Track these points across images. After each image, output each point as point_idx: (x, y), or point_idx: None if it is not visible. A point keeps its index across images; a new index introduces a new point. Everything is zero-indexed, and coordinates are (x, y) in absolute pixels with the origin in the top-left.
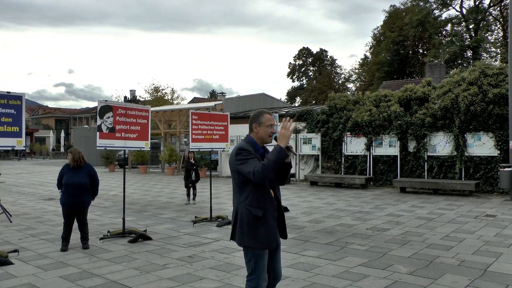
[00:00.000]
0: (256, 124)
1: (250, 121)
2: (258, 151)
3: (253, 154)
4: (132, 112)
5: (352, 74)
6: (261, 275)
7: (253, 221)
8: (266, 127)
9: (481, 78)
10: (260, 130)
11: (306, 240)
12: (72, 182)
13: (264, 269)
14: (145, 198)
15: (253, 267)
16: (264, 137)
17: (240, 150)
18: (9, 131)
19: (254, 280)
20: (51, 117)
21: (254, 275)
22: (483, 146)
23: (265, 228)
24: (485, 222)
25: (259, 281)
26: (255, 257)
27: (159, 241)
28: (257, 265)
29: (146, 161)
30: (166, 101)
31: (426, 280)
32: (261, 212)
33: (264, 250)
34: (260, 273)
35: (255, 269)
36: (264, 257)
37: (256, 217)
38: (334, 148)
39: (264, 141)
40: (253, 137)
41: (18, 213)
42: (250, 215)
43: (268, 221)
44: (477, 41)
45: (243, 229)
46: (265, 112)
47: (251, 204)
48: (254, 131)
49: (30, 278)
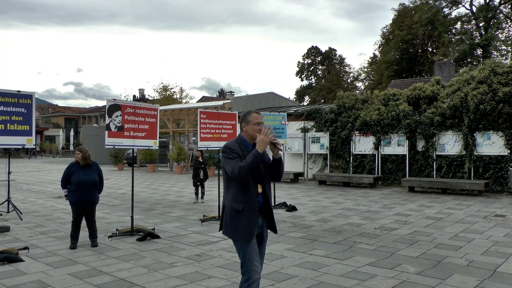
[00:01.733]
0: (245, 123)
1: (240, 122)
2: (247, 148)
3: (236, 153)
4: (141, 111)
5: (360, 73)
6: (251, 267)
7: (234, 215)
8: (254, 125)
9: (491, 77)
10: (248, 128)
11: (314, 239)
12: (85, 180)
13: (253, 260)
14: (153, 196)
15: (242, 259)
16: (252, 134)
17: (224, 148)
18: (20, 129)
19: (246, 272)
20: (60, 115)
21: (245, 267)
22: (493, 145)
23: (245, 221)
24: (494, 222)
25: (250, 273)
26: (242, 249)
27: (167, 240)
28: (245, 257)
29: (154, 160)
30: (175, 100)
31: (434, 280)
32: (241, 207)
33: (249, 243)
34: (250, 264)
35: (245, 261)
36: (250, 249)
37: (236, 211)
38: (342, 147)
39: (254, 138)
40: (243, 135)
41: (28, 210)
42: (232, 209)
43: (248, 215)
44: (487, 39)
45: (227, 222)
46: (252, 112)
47: (234, 199)
48: (244, 130)
49: (39, 275)
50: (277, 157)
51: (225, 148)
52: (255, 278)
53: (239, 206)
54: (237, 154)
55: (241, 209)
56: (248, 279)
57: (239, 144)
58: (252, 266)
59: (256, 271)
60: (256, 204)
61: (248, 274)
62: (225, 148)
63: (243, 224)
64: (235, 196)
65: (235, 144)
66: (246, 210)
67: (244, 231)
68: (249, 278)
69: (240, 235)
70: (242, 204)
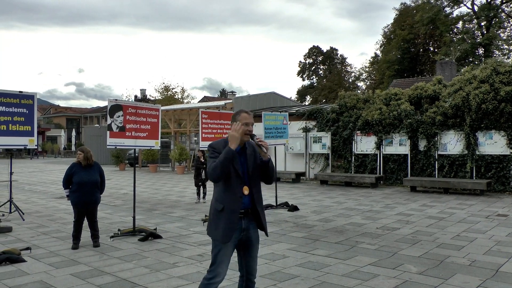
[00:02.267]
0: (234, 122)
1: (230, 121)
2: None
3: (218, 153)
4: (142, 111)
5: (362, 72)
6: (217, 269)
7: (215, 214)
8: (242, 125)
9: (493, 76)
10: None
11: (316, 239)
12: (87, 180)
13: (222, 263)
14: (155, 196)
15: (213, 257)
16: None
17: (208, 147)
18: (22, 130)
19: (212, 272)
20: (62, 116)
21: (213, 266)
22: (495, 144)
23: (224, 222)
24: (496, 222)
25: (214, 274)
26: (215, 249)
27: (169, 240)
28: (215, 257)
29: (156, 160)
30: (176, 100)
31: (437, 280)
32: (221, 207)
33: (224, 245)
34: (217, 266)
35: (215, 261)
36: (223, 251)
37: (217, 210)
38: (344, 146)
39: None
40: None
41: (30, 211)
42: (214, 208)
43: (228, 216)
44: (489, 39)
45: (210, 221)
46: (243, 111)
47: (216, 199)
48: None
49: (42, 276)
50: (264, 159)
51: (209, 147)
52: (217, 280)
53: (219, 206)
54: (219, 153)
55: (221, 209)
56: (211, 278)
57: (225, 143)
58: (219, 268)
59: (221, 273)
60: (238, 206)
61: (213, 274)
62: (209, 147)
63: (221, 225)
64: (218, 196)
65: (220, 143)
66: (226, 210)
67: (221, 232)
68: (213, 278)
69: (217, 235)
70: (222, 204)
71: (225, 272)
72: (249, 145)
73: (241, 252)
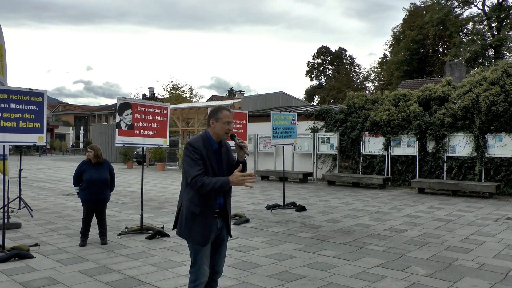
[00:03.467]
0: (214, 119)
1: (208, 116)
2: (212, 146)
3: (199, 154)
4: (151, 109)
5: (371, 73)
6: (200, 270)
7: (190, 217)
8: (223, 124)
9: (504, 78)
10: (217, 125)
11: (323, 240)
12: (97, 178)
13: (203, 264)
14: (162, 195)
15: (193, 260)
16: (220, 132)
17: (187, 145)
18: (31, 127)
19: (194, 273)
20: (70, 113)
21: (194, 268)
22: (505, 147)
23: (201, 225)
24: (506, 225)
25: (198, 274)
26: (194, 252)
27: (176, 238)
28: (195, 259)
29: (164, 158)
30: (185, 99)
31: (445, 283)
32: (199, 210)
33: (202, 247)
34: (199, 267)
35: (194, 263)
36: (202, 252)
37: (193, 214)
38: (352, 147)
39: (220, 137)
40: (209, 131)
41: (39, 207)
42: (188, 210)
43: (205, 218)
44: (500, 40)
45: (182, 223)
46: (224, 109)
47: (192, 200)
48: (211, 126)
49: (50, 272)
50: (241, 160)
51: (188, 145)
52: (202, 281)
53: (196, 209)
54: (200, 155)
55: (199, 212)
56: (195, 280)
57: (203, 140)
58: (201, 269)
59: (204, 274)
60: (214, 206)
61: (196, 276)
62: (188, 145)
63: (199, 228)
64: (193, 198)
65: (199, 141)
66: (204, 213)
67: (199, 236)
68: (197, 280)
69: (195, 240)
70: (199, 208)
71: (208, 270)
72: (224, 144)
73: (212, 251)
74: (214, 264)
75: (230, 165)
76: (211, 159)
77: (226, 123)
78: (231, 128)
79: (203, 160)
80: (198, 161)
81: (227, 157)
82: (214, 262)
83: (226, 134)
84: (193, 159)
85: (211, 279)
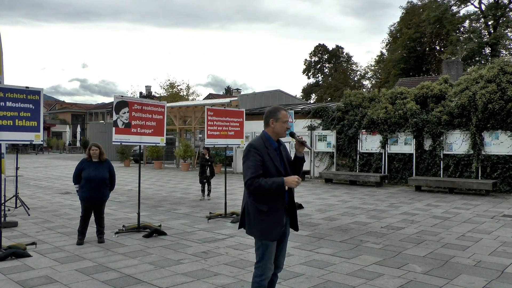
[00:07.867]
0: (273, 119)
1: (266, 116)
2: (272, 146)
3: (260, 155)
4: (148, 107)
5: (368, 71)
6: (267, 264)
7: (258, 215)
8: (283, 123)
9: (500, 76)
10: (277, 125)
11: (320, 238)
12: (94, 176)
13: (271, 259)
14: (160, 193)
15: (260, 255)
16: (280, 132)
17: (250, 147)
18: (28, 125)
19: (261, 268)
20: (67, 112)
21: (261, 263)
22: (501, 145)
23: (270, 221)
24: (502, 223)
25: (265, 269)
26: (262, 247)
27: (174, 237)
28: (264, 255)
29: (161, 157)
30: (182, 97)
31: (442, 280)
32: (266, 208)
33: (271, 242)
34: (266, 262)
35: (262, 258)
36: (271, 248)
37: (261, 211)
38: (349, 145)
39: (280, 136)
40: (268, 132)
41: (36, 206)
42: (256, 209)
43: (273, 215)
44: (496, 38)
45: (250, 222)
46: (282, 109)
47: (256, 200)
48: (271, 126)
49: (47, 271)
50: (300, 155)
51: (250, 147)
52: (268, 275)
53: (264, 207)
54: (261, 156)
55: (267, 210)
56: (262, 275)
57: (264, 141)
58: (268, 264)
59: (271, 268)
60: (283, 204)
61: (263, 271)
62: (251, 147)
63: (269, 224)
64: (259, 197)
65: (260, 142)
66: (272, 210)
67: (270, 232)
68: (263, 274)
69: (266, 236)
70: (267, 205)
71: (273, 265)
72: (281, 142)
73: None
74: (275, 258)
75: (289, 160)
76: (273, 158)
77: (285, 122)
78: (289, 126)
79: (265, 160)
80: (257, 163)
81: (286, 154)
82: (275, 256)
83: (285, 132)
84: (252, 161)
85: (273, 273)
